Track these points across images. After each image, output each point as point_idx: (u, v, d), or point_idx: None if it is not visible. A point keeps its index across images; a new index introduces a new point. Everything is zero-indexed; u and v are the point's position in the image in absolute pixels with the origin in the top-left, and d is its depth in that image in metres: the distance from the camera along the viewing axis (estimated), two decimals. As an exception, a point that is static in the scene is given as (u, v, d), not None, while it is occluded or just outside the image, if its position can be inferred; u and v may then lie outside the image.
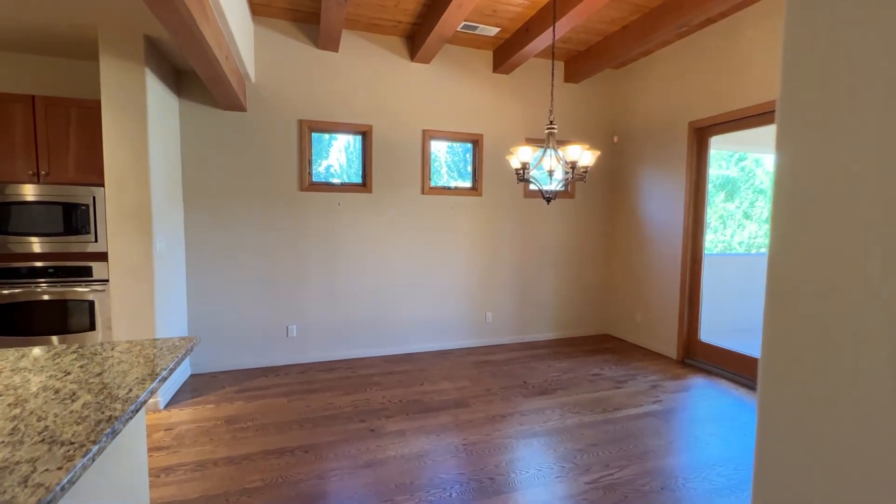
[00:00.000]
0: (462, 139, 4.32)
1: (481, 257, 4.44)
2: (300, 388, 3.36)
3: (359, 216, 4.01)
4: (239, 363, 3.76)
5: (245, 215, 3.70)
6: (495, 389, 3.36)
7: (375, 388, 3.38)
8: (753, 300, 5.22)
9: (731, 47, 3.54)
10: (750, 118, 3.49)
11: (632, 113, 4.59)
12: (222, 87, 3.04)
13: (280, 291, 3.83)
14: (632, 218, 4.61)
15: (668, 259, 4.17)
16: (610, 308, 4.96)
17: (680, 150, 4.03)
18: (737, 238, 7.27)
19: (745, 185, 7.68)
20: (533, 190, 4.59)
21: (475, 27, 3.75)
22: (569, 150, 2.47)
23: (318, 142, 3.97)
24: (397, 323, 4.20)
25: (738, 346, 3.82)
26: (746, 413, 2.99)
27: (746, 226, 7.97)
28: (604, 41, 3.98)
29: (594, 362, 4.01)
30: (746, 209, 7.89)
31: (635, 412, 2.98)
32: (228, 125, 3.61)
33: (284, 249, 3.82)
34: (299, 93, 3.77)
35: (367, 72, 3.94)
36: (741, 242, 7.29)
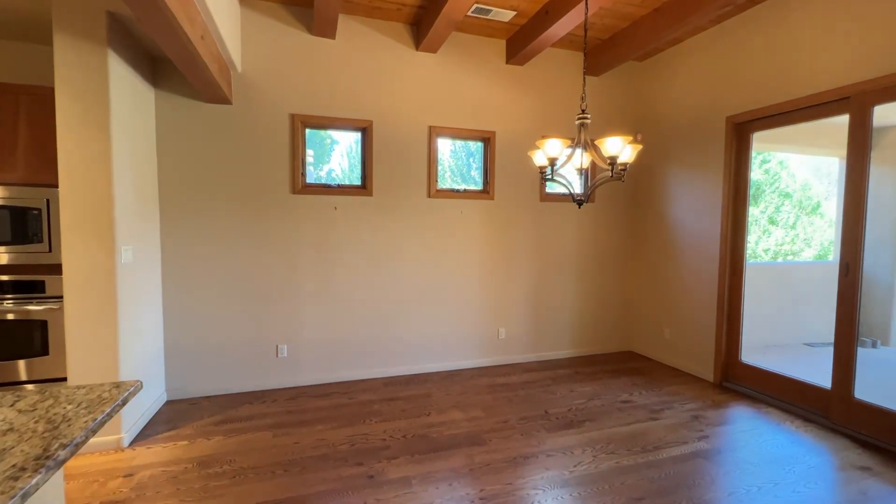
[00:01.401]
0: (472, 137, 3.91)
1: (493, 267, 4.01)
2: (289, 419, 2.93)
3: (358, 222, 3.60)
4: (222, 387, 3.33)
5: (231, 221, 3.29)
6: (513, 421, 2.92)
7: (375, 418, 2.95)
8: (785, 313, 4.77)
9: (776, 32, 3.12)
10: (799, 111, 3.07)
11: (658, 108, 4.17)
12: (200, 74, 2.64)
13: (270, 307, 3.41)
14: (659, 224, 4.18)
15: (703, 269, 3.73)
16: (634, 323, 4.51)
17: (716, 149, 3.60)
18: (762, 245, 6.82)
19: (770, 188, 7.24)
20: (550, 193, 4.17)
21: (488, 11, 3.35)
22: (607, 143, 2.06)
23: (320, 144, 3.56)
24: (400, 341, 3.77)
25: (775, 365, 3.38)
26: (808, 453, 2.54)
27: (773, 232, 7.52)
28: (631, 27, 3.57)
29: (621, 385, 3.57)
30: (772, 214, 7.45)
31: (680, 452, 2.53)
32: (212, 120, 3.21)
33: (275, 259, 3.40)
34: (291, 84, 3.37)
35: (368, 61, 3.54)
36: (766, 250, 6.85)
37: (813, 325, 4.99)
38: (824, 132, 4.74)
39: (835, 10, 2.78)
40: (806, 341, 4.92)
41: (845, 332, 2.80)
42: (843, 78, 2.75)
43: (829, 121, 3.13)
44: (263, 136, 3.33)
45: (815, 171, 8.05)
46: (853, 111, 2.74)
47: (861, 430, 2.70)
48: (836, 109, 2.85)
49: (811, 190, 7.82)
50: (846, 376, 2.79)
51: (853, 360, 2.77)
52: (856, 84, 2.68)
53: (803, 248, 7.56)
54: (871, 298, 4.98)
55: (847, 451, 2.56)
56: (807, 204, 7.79)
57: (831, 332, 5.08)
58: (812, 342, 4.90)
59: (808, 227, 7.71)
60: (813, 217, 7.66)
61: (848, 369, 2.79)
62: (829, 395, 2.89)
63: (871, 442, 2.63)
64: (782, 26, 3.09)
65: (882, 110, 2.65)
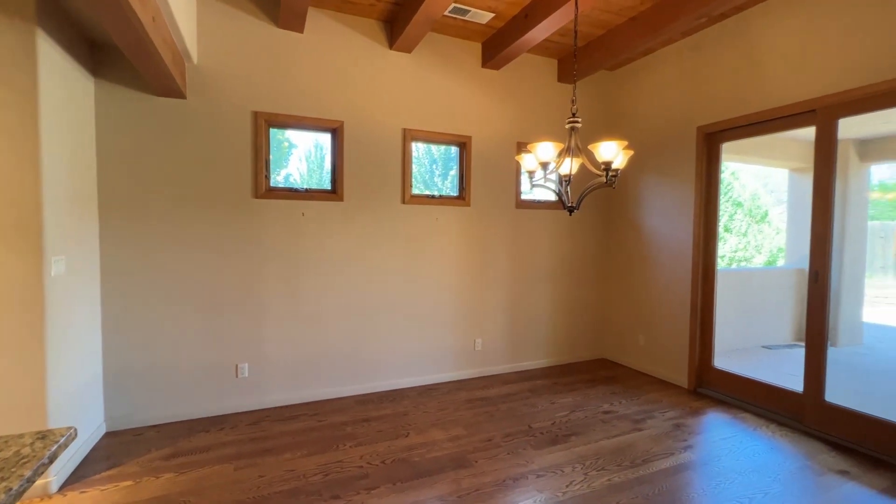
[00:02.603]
0: (449, 141, 3.78)
1: (469, 276, 3.88)
2: (252, 448, 2.63)
3: (328, 229, 3.36)
4: (173, 414, 2.97)
5: (184, 228, 2.96)
6: (498, 438, 2.78)
7: (350, 442, 2.71)
8: (744, 318, 4.96)
9: (745, 45, 3.22)
10: (767, 122, 3.16)
11: (631, 117, 4.22)
12: (151, 63, 2.35)
13: (228, 322, 3.09)
14: (632, 231, 4.21)
15: (675, 276, 3.78)
16: (608, 330, 4.52)
17: (687, 158, 3.67)
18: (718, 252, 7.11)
19: (724, 197, 7.61)
20: (526, 200, 4.10)
21: (466, 11, 3.24)
22: (601, 148, 1.98)
23: (277, 148, 3.30)
24: (373, 355, 3.55)
25: (740, 368, 3.47)
26: (787, 459, 2.56)
27: (727, 239, 7.90)
28: (607, 35, 3.58)
29: (600, 395, 3.52)
30: (726, 223, 7.82)
31: (668, 465, 2.48)
32: (163, 115, 2.89)
33: (235, 270, 3.10)
34: (254, 80, 3.11)
35: (338, 58, 3.33)
36: (722, 256, 7.16)
37: (769, 329, 5.22)
38: (778, 145, 5.00)
39: (801, 27, 2.89)
40: (763, 344, 5.14)
41: (816, 337, 2.88)
42: (809, 91, 2.85)
43: (782, 134, 3.27)
44: (222, 134, 3.04)
45: (762, 182, 8.58)
46: (819, 124, 2.84)
47: (833, 433, 2.78)
48: (803, 122, 2.95)
49: (760, 199, 8.33)
50: (817, 380, 2.86)
51: (824, 364, 2.84)
52: (822, 97, 2.78)
53: (754, 255, 8.01)
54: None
55: (823, 454, 2.61)
56: (756, 213, 8.28)
57: (787, 334, 5.36)
58: (769, 345, 5.12)
59: (758, 234, 8.19)
60: (762, 225, 8.14)
61: (819, 373, 2.86)
62: (801, 398, 2.96)
63: (844, 444, 2.70)
64: (751, 40, 3.18)
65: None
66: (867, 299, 5.53)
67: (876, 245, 8.05)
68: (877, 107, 2.58)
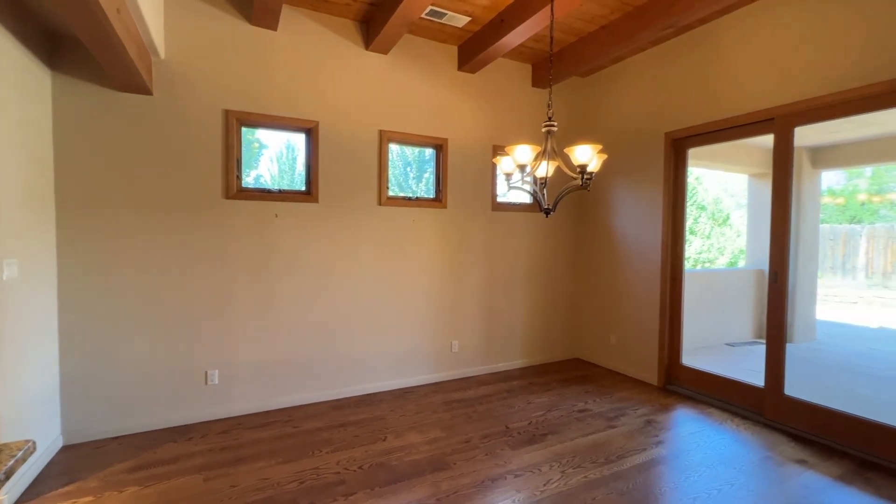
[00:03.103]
0: (425, 143, 3.78)
1: (446, 278, 3.88)
2: (223, 457, 2.54)
3: (302, 231, 3.29)
4: (137, 425, 2.83)
5: (148, 230, 2.84)
6: (475, 440, 2.79)
7: (325, 448, 2.66)
8: (708, 317, 5.17)
9: (710, 55, 3.37)
10: (730, 129, 3.32)
11: (601, 123, 4.34)
12: (115, 57, 2.24)
13: (197, 327, 2.98)
14: (604, 233, 4.32)
15: (645, 276, 3.90)
16: (581, 330, 4.61)
17: (655, 162, 3.80)
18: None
19: (689, 201, 7.90)
20: (502, 202, 4.14)
21: (443, 14, 3.26)
22: (577, 151, 2.02)
23: (247, 149, 3.20)
24: (349, 359, 3.49)
25: (705, 365, 3.62)
26: (750, 451, 2.68)
27: (692, 242, 8.21)
28: (579, 42, 3.68)
29: (575, 394, 3.59)
30: (691, 225, 8.14)
31: (642, 460, 2.55)
32: (127, 111, 2.76)
33: (203, 272, 2.99)
34: (226, 77, 3.02)
35: (313, 58, 3.28)
36: (687, 258, 7.44)
37: (732, 327, 5.47)
38: (739, 151, 5.25)
39: (762, 38, 3.04)
40: (727, 341, 5.37)
41: (775, 334, 3.03)
42: (768, 100, 3.01)
43: (742, 141, 3.44)
44: (191, 132, 2.93)
45: (723, 187, 8.99)
46: (777, 131, 3.00)
47: (792, 425, 2.92)
48: (762, 129, 3.11)
49: (722, 203, 8.72)
50: (777, 375, 3.01)
51: (783, 359, 2.99)
52: (779, 106, 2.94)
53: (718, 256, 8.38)
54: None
55: (783, 445, 2.75)
56: (719, 216, 8.67)
57: (748, 332, 5.62)
58: (732, 342, 5.36)
59: (720, 237, 8.57)
60: (724, 228, 8.53)
61: (778, 368, 3.01)
62: (763, 393, 3.10)
63: (802, 435, 2.85)
64: (715, 50, 3.33)
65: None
66: (819, 298, 5.86)
67: (826, 247, 8.56)
68: (829, 116, 2.75)
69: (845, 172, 9.29)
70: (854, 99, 2.61)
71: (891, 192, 8.57)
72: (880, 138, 4.75)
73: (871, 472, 2.43)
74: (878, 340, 5.54)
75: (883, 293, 8.19)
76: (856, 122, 4.22)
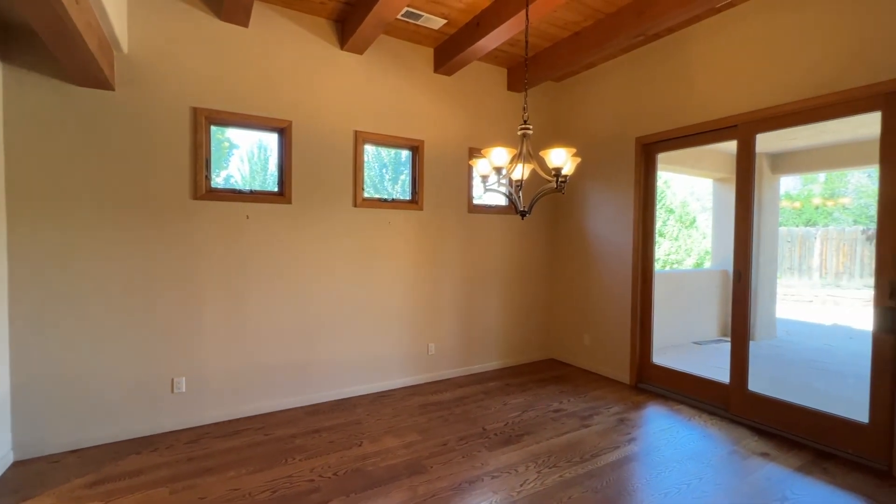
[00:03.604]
0: (401, 145, 3.76)
1: (423, 280, 3.87)
2: (191, 468, 2.44)
3: (274, 232, 3.21)
4: (98, 437, 2.69)
5: (110, 231, 2.71)
6: (452, 442, 2.78)
7: (299, 455, 2.59)
8: (676, 316, 5.34)
9: (678, 63, 3.49)
10: (696, 135, 3.44)
11: (575, 127, 4.43)
12: (73, 50, 2.13)
13: (164, 333, 2.86)
14: (578, 236, 4.41)
15: (617, 278, 3.99)
16: (556, 331, 4.68)
17: (626, 166, 3.90)
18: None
19: (658, 204, 8.16)
20: (478, 204, 4.17)
21: (419, 16, 3.25)
22: (552, 154, 2.05)
23: (216, 148, 3.10)
24: (323, 363, 3.43)
25: (675, 363, 3.74)
26: (717, 445, 2.78)
27: (661, 243, 8.48)
28: (553, 48, 3.74)
29: (550, 394, 3.63)
30: (660, 227, 8.41)
31: (615, 458, 2.60)
32: (86, 107, 2.63)
33: (170, 276, 2.87)
34: (194, 74, 2.92)
35: (286, 56, 3.22)
36: (657, 259, 7.68)
37: (699, 326, 5.67)
38: (705, 156, 5.46)
39: (728, 48, 3.17)
40: (694, 340, 5.57)
41: (740, 331, 3.15)
42: (732, 108, 3.14)
43: (708, 146, 3.58)
44: (157, 130, 2.82)
45: (690, 191, 9.34)
46: (740, 138, 3.13)
47: (755, 419, 3.05)
48: (727, 136, 3.24)
49: (689, 206, 9.06)
50: (741, 372, 3.14)
51: (746, 355, 3.12)
52: (742, 114, 3.07)
53: (685, 257, 8.69)
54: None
55: (747, 439, 2.86)
56: (686, 219, 9.00)
57: (714, 331, 5.83)
58: (699, 340, 5.56)
59: (687, 238, 8.89)
60: (691, 230, 8.85)
61: (743, 365, 3.13)
62: (728, 389, 3.22)
63: (765, 429, 2.98)
64: (683, 58, 3.45)
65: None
66: (779, 297, 6.14)
67: (784, 249, 9.01)
68: (788, 124, 2.89)
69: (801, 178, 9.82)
70: (811, 108, 2.75)
71: (842, 196, 9.11)
72: (834, 146, 5.04)
73: (828, 463, 2.55)
74: (831, 337, 5.85)
75: (836, 292, 8.68)
76: (813, 130, 4.46)
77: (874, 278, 2.49)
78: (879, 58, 2.46)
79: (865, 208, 9.12)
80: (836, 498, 2.23)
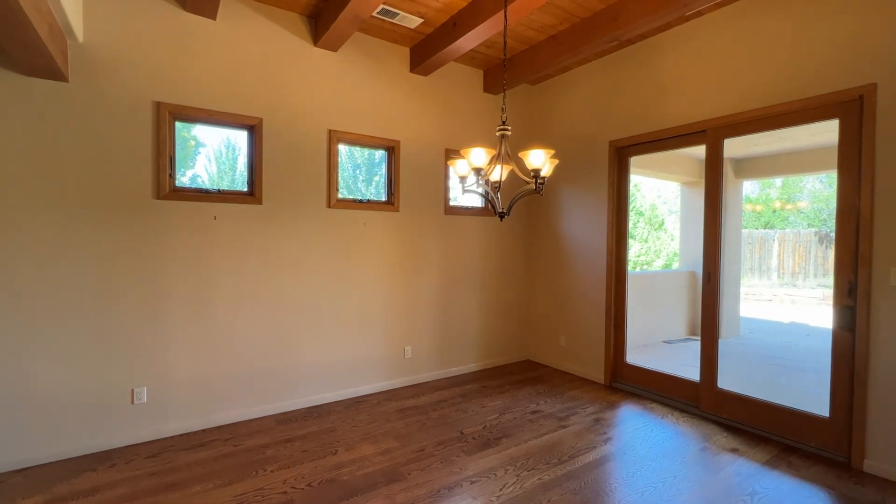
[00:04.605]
0: (377, 145, 3.69)
1: (399, 283, 3.80)
2: (152, 484, 2.30)
3: (243, 233, 3.08)
4: (49, 454, 2.50)
5: (63, 232, 2.52)
6: (430, 448, 2.73)
7: (270, 466, 2.49)
8: (647, 316, 5.48)
9: (649, 68, 3.57)
10: (667, 140, 3.52)
11: (550, 130, 4.47)
12: (20, 36, 1.97)
13: (123, 340, 2.69)
14: (553, 237, 4.45)
15: (592, 279, 4.05)
16: (532, 332, 4.70)
17: (600, 169, 3.97)
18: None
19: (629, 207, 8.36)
20: (454, 206, 4.14)
21: (395, 14, 3.20)
22: (531, 156, 2.04)
23: (182, 146, 2.95)
24: (296, 369, 3.31)
25: (646, 362, 3.83)
26: (689, 442, 2.85)
27: (632, 245, 8.69)
28: (529, 50, 3.76)
29: (527, 396, 3.64)
30: (630, 230, 8.64)
31: (592, 458, 2.62)
32: (36, 98, 2.45)
33: (130, 280, 2.71)
34: (157, 67, 2.76)
35: (257, 51, 3.10)
36: (628, 261, 7.86)
37: (668, 325, 5.83)
38: (673, 160, 5.63)
39: (697, 54, 3.27)
40: (664, 339, 5.72)
41: (709, 330, 3.24)
42: (701, 113, 3.23)
43: (676, 151, 3.68)
44: (116, 125, 2.65)
45: (658, 194, 9.63)
46: (709, 142, 3.23)
47: (724, 416, 3.14)
48: (696, 140, 3.34)
49: (658, 209, 9.34)
50: (711, 369, 3.23)
51: (716, 354, 3.21)
52: (711, 119, 3.17)
53: (654, 259, 8.95)
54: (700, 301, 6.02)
55: (717, 435, 2.94)
56: (655, 221, 9.27)
57: (682, 330, 6.01)
58: (669, 339, 5.71)
59: (656, 240, 9.16)
60: (660, 232, 9.13)
61: (712, 363, 3.22)
62: (698, 387, 3.31)
63: (733, 425, 3.07)
64: (654, 64, 3.53)
65: (728, 143, 3.18)
66: (741, 296, 6.39)
67: (745, 250, 9.41)
68: (753, 130, 2.99)
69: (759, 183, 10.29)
70: (775, 114, 2.86)
71: (798, 200, 9.60)
72: (793, 152, 5.29)
73: (792, 456, 2.65)
74: (790, 334, 6.14)
75: (793, 291, 9.13)
76: (773, 137, 4.67)
77: (833, 278, 2.60)
78: (837, 68, 2.58)
79: (819, 212, 9.66)
80: (801, 490, 2.31)
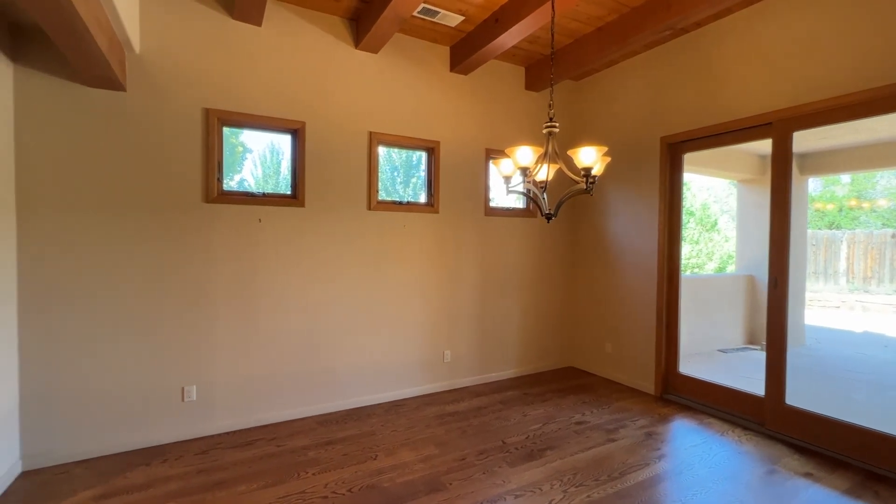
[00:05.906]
0: (416, 146, 3.65)
1: (438, 285, 3.75)
2: (200, 482, 2.35)
3: (287, 235, 3.12)
4: (105, 447, 2.62)
5: (120, 236, 2.64)
6: (471, 457, 2.65)
7: (312, 469, 2.49)
8: (700, 323, 5.14)
9: (705, 59, 3.33)
10: (726, 134, 3.27)
11: (596, 127, 4.28)
12: (83, 49, 2.07)
13: (174, 340, 2.79)
14: (598, 239, 4.25)
15: (641, 283, 3.83)
16: (575, 338, 4.52)
17: (651, 167, 3.74)
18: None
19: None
20: (495, 207, 4.04)
21: (436, 12, 3.15)
22: (581, 153, 1.92)
23: (230, 152, 3.03)
24: (337, 372, 3.32)
25: (700, 372, 3.56)
26: (754, 464, 2.60)
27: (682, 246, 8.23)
28: (573, 44, 3.61)
29: (571, 405, 3.48)
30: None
31: (644, 476, 2.44)
32: (98, 108, 2.57)
33: (180, 281, 2.80)
34: (206, 74, 2.85)
35: (300, 56, 3.14)
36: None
37: (723, 333, 5.44)
38: (730, 156, 5.25)
39: (760, 41, 3.01)
40: (719, 348, 5.35)
41: (776, 341, 2.97)
42: (766, 104, 2.97)
43: (732, 147, 3.39)
44: (168, 132, 2.75)
45: (709, 192, 9.07)
46: (775, 136, 2.96)
47: (794, 436, 2.86)
48: (760, 134, 3.07)
49: (710, 209, 8.79)
50: (778, 383, 2.95)
51: (784, 367, 2.93)
52: (778, 111, 2.90)
53: (706, 262, 8.43)
54: (758, 307, 5.58)
55: (787, 458, 2.67)
56: (707, 221, 8.73)
57: (739, 338, 5.60)
58: (724, 348, 5.34)
59: (708, 242, 8.62)
60: (712, 233, 8.59)
61: (779, 376, 2.95)
62: (763, 402, 3.03)
63: (804, 446, 2.78)
64: (711, 53, 3.29)
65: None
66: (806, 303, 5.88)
67: (809, 252, 8.69)
68: (828, 121, 2.71)
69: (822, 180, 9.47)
70: (852, 104, 2.58)
71: (872, 198, 8.77)
72: (869, 145, 4.80)
73: (879, 485, 2.36)
74: (863, 345, 5.58)
75: (864, 297, 8.33)
76: (845, 129, 4.25)
77: (929, 286, 2.29)
78: (934, 48, 2.28)
79: (895, 211, 8.75)
80: (893, 526, 2.04)
